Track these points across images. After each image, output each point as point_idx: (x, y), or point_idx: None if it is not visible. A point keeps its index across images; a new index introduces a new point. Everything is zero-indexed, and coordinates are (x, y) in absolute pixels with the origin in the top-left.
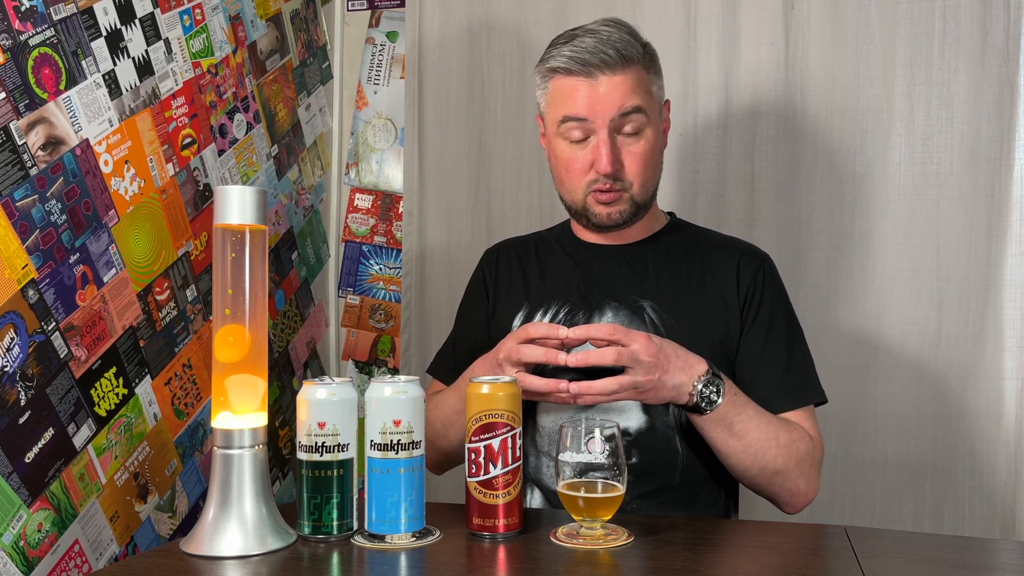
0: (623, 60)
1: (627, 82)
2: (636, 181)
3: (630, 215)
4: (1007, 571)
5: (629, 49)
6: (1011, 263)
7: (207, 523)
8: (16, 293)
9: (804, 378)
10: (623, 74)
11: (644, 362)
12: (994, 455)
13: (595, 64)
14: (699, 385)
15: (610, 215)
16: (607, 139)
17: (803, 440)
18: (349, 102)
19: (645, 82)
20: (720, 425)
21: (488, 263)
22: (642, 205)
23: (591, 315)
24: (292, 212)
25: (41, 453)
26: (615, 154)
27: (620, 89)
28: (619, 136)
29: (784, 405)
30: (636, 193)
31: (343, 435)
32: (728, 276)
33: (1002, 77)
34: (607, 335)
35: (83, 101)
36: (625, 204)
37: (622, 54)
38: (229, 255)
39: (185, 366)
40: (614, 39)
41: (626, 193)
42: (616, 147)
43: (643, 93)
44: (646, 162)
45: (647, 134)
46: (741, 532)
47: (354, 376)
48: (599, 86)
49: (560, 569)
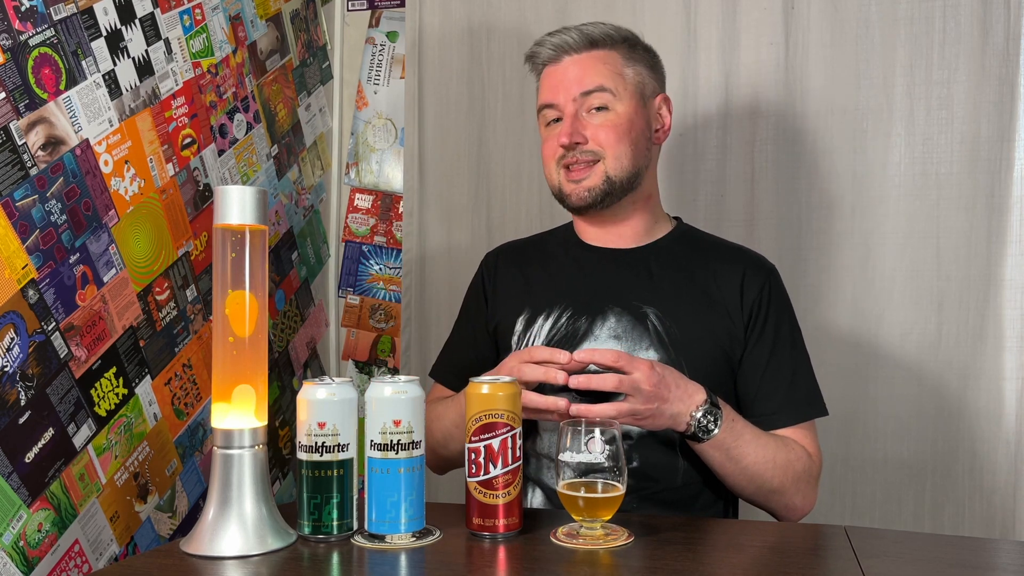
0: (589, 43)
1: (591, 62)
2: (608, 152)
3: (603, 192)
4: (1007, 571)
5: (596, 32)
6: (1011, 263)
7: (207, 523)
8: (16, 293)
9: (807, 393)
10: (588, 53)
11: (644, 391)
12: (994, 455)
13: (563, 48)
14: (697, 415)
15: (580, 194)
16: (571, 115)
17: (800, 459)
18: (349, 102)
19: (615, 64)
20: (717, 450)
21: (488, 268)
22: (616, 181)
23: (594, 319)
24: (292, 212)
25: (41, 453)
26: (575, 126)
27: (583, 69)
28: (584, 113)
29: (786, 420)
30: (609, 165)
31: (343, 435)
32: (732, 287)
33: (1002, 77)
34: (611, 362)
35: (83, 101)
36: (597, 179)
37: (588, 37)
38: (229, 255)
39: (185, 366)
40: (590, 27)
41: (599, 165)
42: (580, 122)
43: (610, 74)
44: (618, 133)
45: (616, 109)
46: (741, 532)
47: (354, 376)
48: (566, 68)
49: (560, 569)
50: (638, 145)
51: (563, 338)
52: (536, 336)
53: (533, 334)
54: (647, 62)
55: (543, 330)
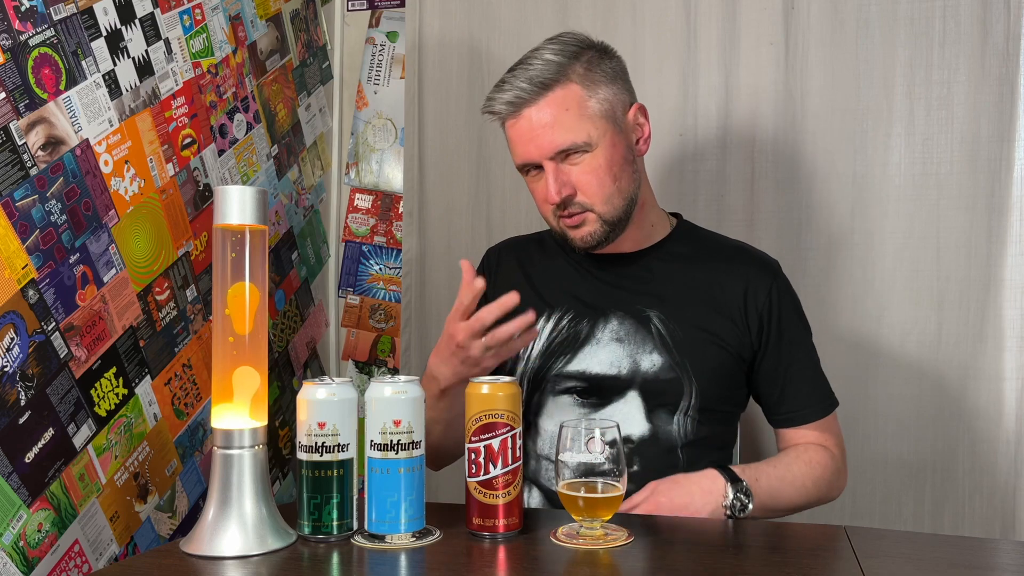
0: (541, 87)
1: (551, 109)
2: (595, 200)
3: (603, 235)
4: (1007, 571)
5: (546, 73)
6: (1011, 263)
7: (207, 523)
8: (16, 293)
9: (825, 387)
10: (545, 99)
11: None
12: (994, 455)
13: (516, 102)
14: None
15: (582, 238)
16: (552, 171)
17: (824, 466)
18: (349, 102)
19: (577, 101)
20: (758, 511)
21: (489, 264)
22: (614, 222)
23: (595, 322)
24: (292, 212)
25: (41, 453)
26: (559, 184)
27: (548, 121)
28: (566, 163)
29: (814, 416)
30: (601, 212)
31: (343, 435)
32: (737, 291)
33: (1002, 77)
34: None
35: (83, 101)
36: (593, 225)
37: (537, 83)
38: (229, 255)
39: (185, 366)
40: (536, 68)
41: (590, 214)
42: (563, 174)
43: (575, 116)
44: (600, 179)
45: (596, 153)
46: (741, 532)
47: (354, 376)
48: (528, 121)
49: (560, 569)
50: (623, 177)
51: (564, 341)
52: (536, 338)
53: None
54: (608, 76)
55: (544, 332)
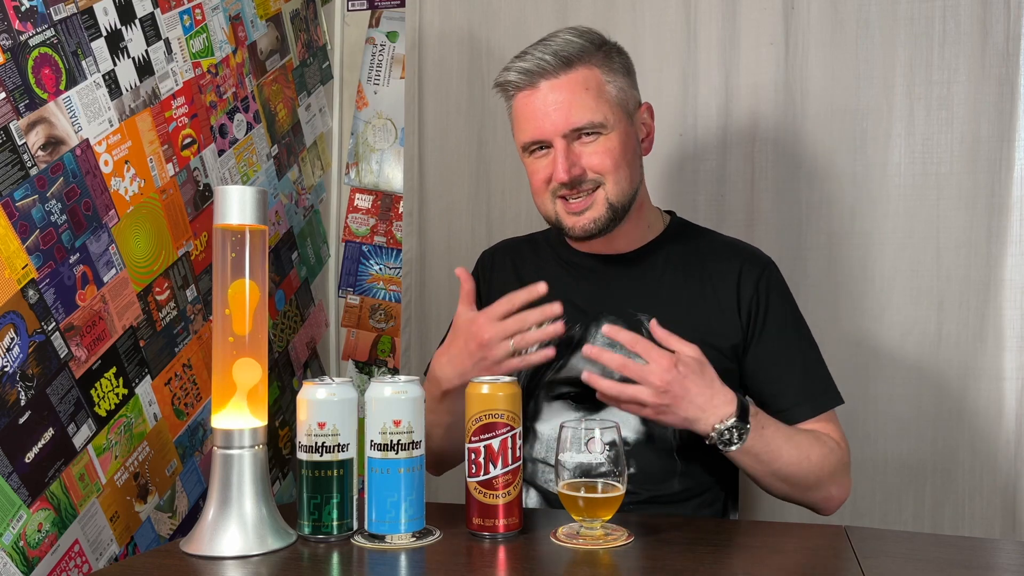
0: (564, 63)
1: (571, 87)
2: (609, 178)
3: (607, 221)
4: (1007, 571)
5: (569, 48)
6: (1011, 263)
7: (207, 523)
8: (16, 293)
9: (821, 383)
10: (566, 76)
11: (653, 384)
12: (994, 455)
13: (536, 72)
14: (720, 427)
15: (584, 226)
16: (562, 149)
17: (834, 452)
18: (349, 102)
19: (596, 84)
20: (745, 456)
21: (484, 267)
22: (619, 207)
23: (587, 327)
24: (292, 212)
25: (41, 453)
26: (570, 162)
27: (566, 98)
28: (577, 143)
29: (805, 414)
30: (610, 191)
31: (343, 435)
32: (729, 285)
33: (1002, 77)
34: (627, 344)
35: (83, 101)
36: (600, 208)
37: (561, 56)
38: (229, 255)
39: (185, 366)
40: (559, 43)
41: (600, 192)
42: (573, 154)
43: (595, 101)
44: (614, 159)
45: (611, 136)
46: (741, 532)
47: (354, 376)
48: (544, 96)
49: (560, 569)
50: (633, 165)
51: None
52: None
53: None
54: (623, 69)
55: None
